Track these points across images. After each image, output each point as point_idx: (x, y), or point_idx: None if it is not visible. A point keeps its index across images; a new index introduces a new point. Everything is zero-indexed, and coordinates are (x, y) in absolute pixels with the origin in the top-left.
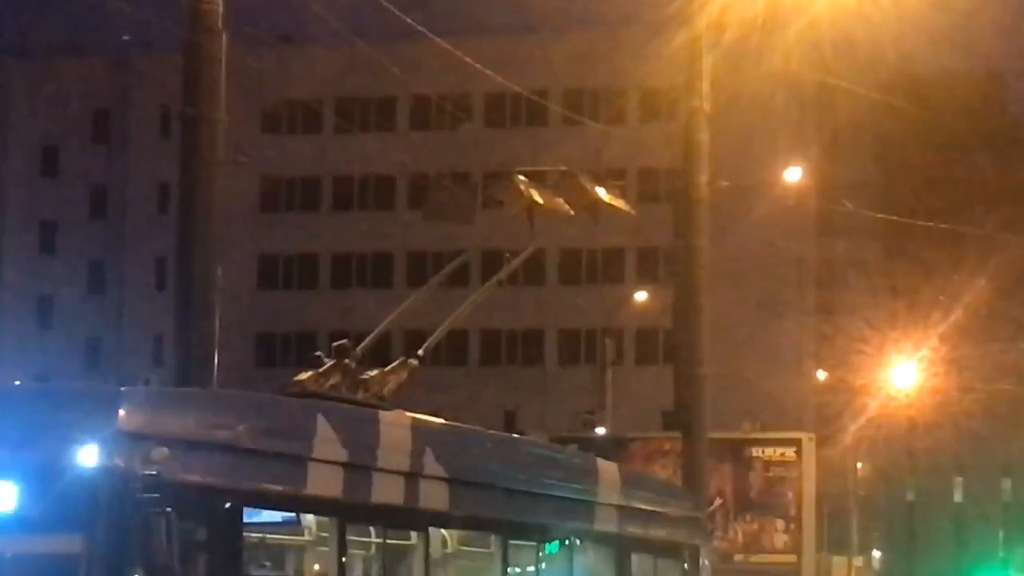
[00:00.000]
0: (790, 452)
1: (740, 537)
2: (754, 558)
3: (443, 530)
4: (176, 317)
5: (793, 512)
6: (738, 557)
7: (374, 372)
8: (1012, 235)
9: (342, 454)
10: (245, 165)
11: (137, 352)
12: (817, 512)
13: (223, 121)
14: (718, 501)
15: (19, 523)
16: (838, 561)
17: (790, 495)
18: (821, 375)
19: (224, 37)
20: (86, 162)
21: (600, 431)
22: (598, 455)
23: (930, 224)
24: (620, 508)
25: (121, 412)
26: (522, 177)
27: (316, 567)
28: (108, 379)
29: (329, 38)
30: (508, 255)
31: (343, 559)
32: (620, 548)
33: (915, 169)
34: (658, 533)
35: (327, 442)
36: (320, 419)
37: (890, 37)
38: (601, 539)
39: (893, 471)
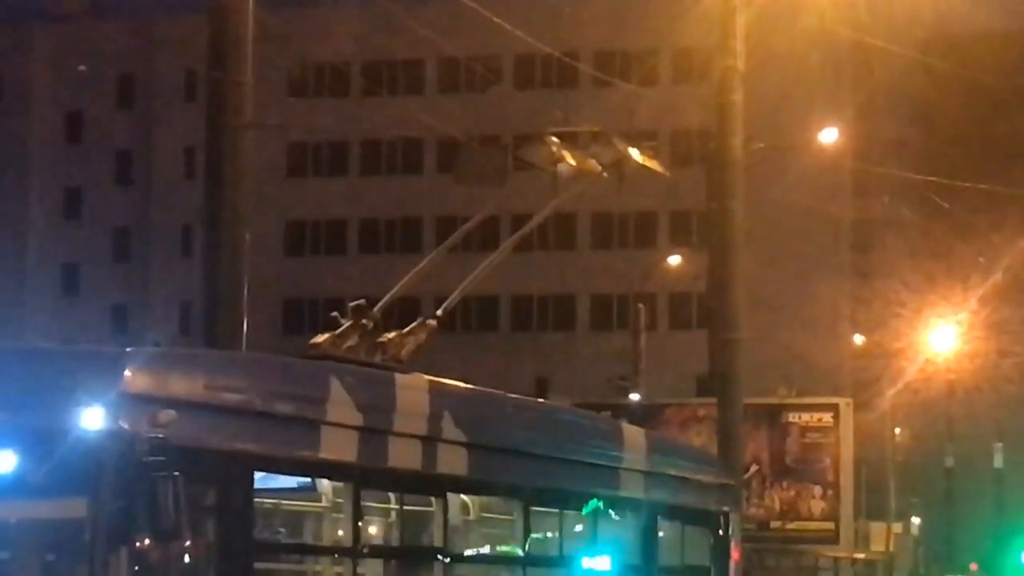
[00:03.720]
0: (827, 418)
1: (777, 504)
2: (791, 525)
3: (462, 496)
4: (204, 284)
5: (830, 478)
6: (775, 524)
7: (392, 334)
8: None
9: (357, 417)
10: (272, 129)
11: (164, 319)
12: (855, 478)
13: (250, 84)
14: (754, 468)
15: (23, 487)
16: (876, 528)
17: (827, 461)
18: (858, 339)
19: (251, 0)
20: (111, 127)
21: (634, 397)
22: (631, 422)
23: (968, 184)
24: (646, 473)
25: (127, 373)
26: (554, 138)
27: (331, 533)
28: (134, 347)
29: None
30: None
31: (358, 525)
32: (646, 514)
33: (953, 129)
34: (686, 499)
35: (341, 405)
36: (334, 381)
37: None
38: (626, 505)
39: (931, 437)
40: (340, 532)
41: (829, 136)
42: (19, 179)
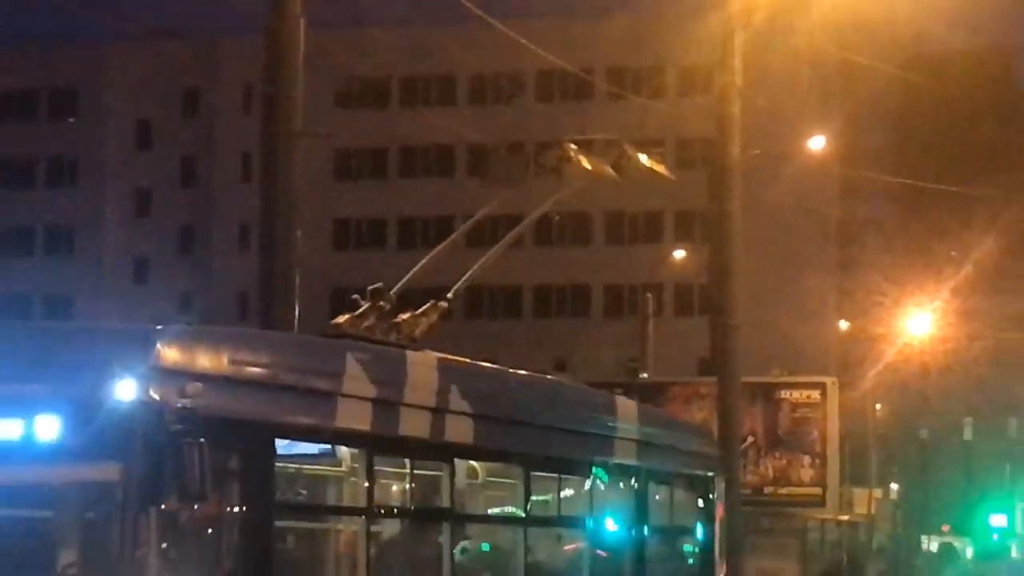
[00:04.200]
0: (815, 395)
1: (770, 472)
2: (783, 490)
3: (468, 461)
4: (259, 275)
5: (818, 449)
6: (768, 489)
7: (406, 315)
8: (1018, 197)
9: (371, 390)
10: (320, 137)
11: (224, 307)
12: (840, 449)
13: (300, 97)
14: (750, 439)
15: (62, 452)
16: (859, 493)
17: (815, 434)
18: (843, 325)
19: (302, 22)
20: (177, 135)
21: (643, 376)
22: (640, 398)
23: (942, 187)
24: (638, 442)
25: (157, 349)
26: (572, 146)
27: (348, 495)
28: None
29: (395, 21)
30: (557, 217)
31: (373, 488)
32: (637, 479)
33: (929, 138)
34: (674, 465)
35: (357, 379)
36: (350, 357)
37: (906, 18)
38: (619, 470)
39: (908, 412)
40: (356, 495)
41: (817, 144)
42: (96, 182)
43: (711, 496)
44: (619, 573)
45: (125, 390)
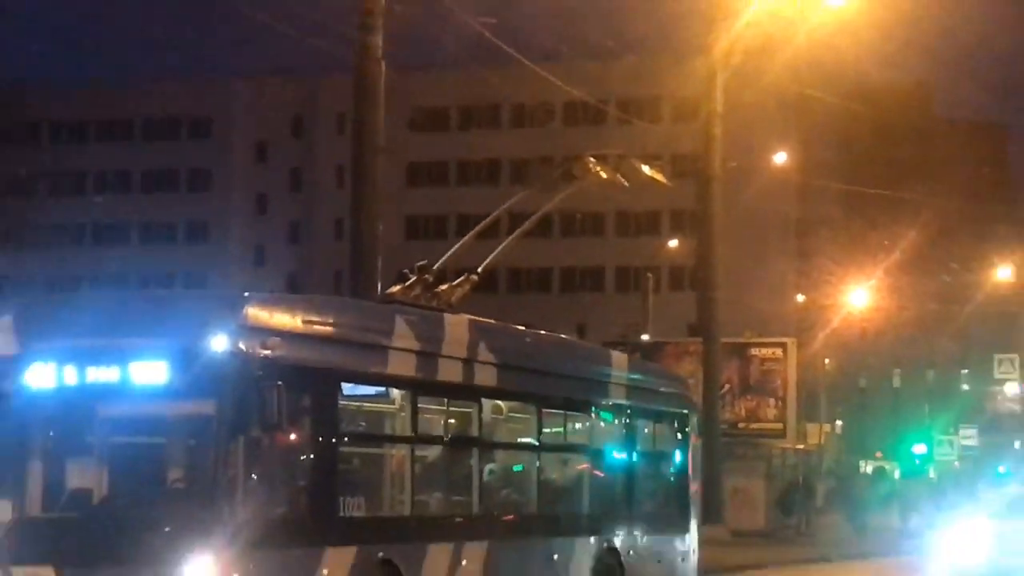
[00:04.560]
0: (778, 352)
1: (743, 411)
2: (753, 425)
3: (493, 400)
4: (351, 259)
5: (780, 393)
6: (742, 425)
7: (445, 286)
8: (935, 200)
9: (415, 344)
10: (395, 153)
11: (322, 285)
12: (797, 394)
13: (381, 123)
14: (727, 386)
15: (171, 392)
16: (811, 427)
17: (778, 382)
18: (800, 298)
19: (383, 64)
20: (287, 152)
21: (644, 337)
22: (643, 355)
23: (876, 192)
24: (627, 386)
25: (245, 310)
26: (591, 159)
27: (397, 428)
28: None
29: (453, 62)
30: (579, 215)
31: (417, 421)
32: (628, 415)
33: (866, 154)
34: (657, 404)
35: (404, 336)
36: (399, 319)
37: (849, 59)
38: (613, 408)
39: (850, 365)
40: (404, 427)
41: (780, 158)
42: (225, 187)
43: (687, 429)
44: (613, 489)
45: (219, 343)
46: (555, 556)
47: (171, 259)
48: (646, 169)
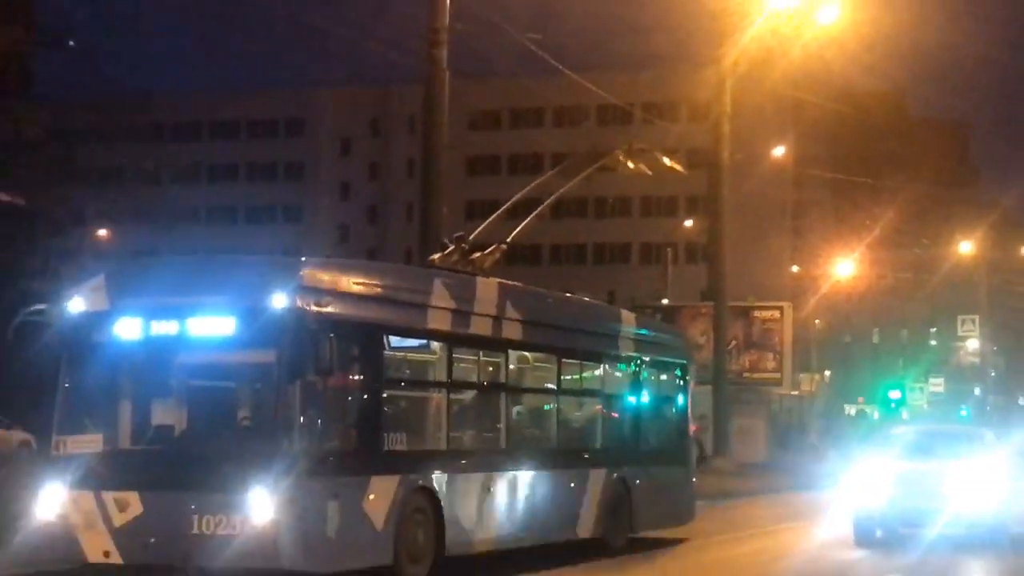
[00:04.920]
0: (776, 314)
1: (747, 363)
2: (755, 375)
3: (519, 351)
4: (420, 237)
5: (778, 348)
6: (745, 375)
7: (478, 253)
8: (908, 187)
9: (451, 303)
10: (457, 149)
11: (396, 259)
12: (792, 349)
13: (445, 123)
14: (734, 342)
15: (237, 342)
16: (804, 377)
17: (776, 339)
18: (795, 269)
19: (447, 73)
20: (366, 148)
21: (664, 302)
22: (662, 317)
23: (860, 180)
24: (634, 339)
25: (302, 272)
26: (621, 153)
27: (436, 375)
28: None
29: (505, 72)
30: (610, 199)
31: (452, 368)
32: (635, 364)
33: (851, 147)
34: (660, 355)
35: (441, 296)
36: (436, 281)
37: (837, 69)
38: (622, 357)
39: (837, 324)
40: (441, 373)
41: (778, 151)
42: (315, 177)
43: (685, 376)
44: (622, 427)
45: (279, 301)
46: (572, 484)
47: (271, 237)
48: (666, 160)
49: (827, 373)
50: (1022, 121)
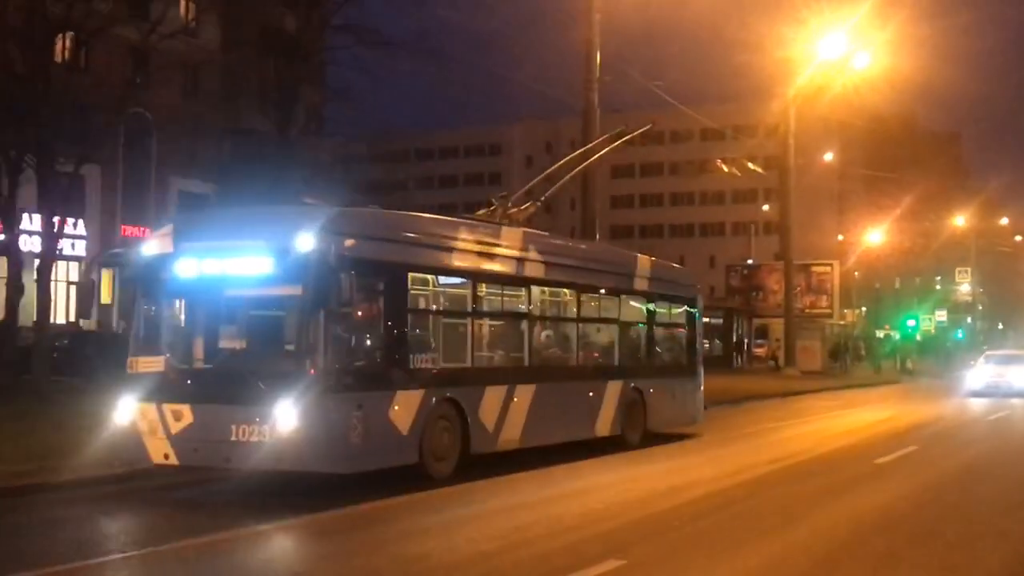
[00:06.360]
0: (828, 268)
1: (808, 303)
2: (814, 311)
3: (539, 287)
4: (581, 223)
5: (829, 292)
6: (807, 311)
7: (515, 209)
8: (920, 180)
9: (475, 246)
10: (604, 161)
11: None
12: (840, 291)
13: (598, 145)
14: (798, 288)
15: (273, 278)
16: (847, 312)
17: (828, 285)
18: (840, 237)
19: (598, 111)
20: (543, 161)
21: (750, 262)
22: (747, 273)
23: (882, 174)
24: (648, 277)
25: (328, 218)
26: (720, 162)
27: (461, 305)
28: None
29: (630, 106)
30: (711, 192)
31: (478, 300)
32: (650, 297)
33: (879, 152)
34: (670, 291)
35: (466, 239)
36: (461, 227)
37: (868, 96)
38: (638, 292)
39: (871, 274)
40: (467, 304)
41: (828, 157)
42: (508, 184)
43: (695, 307)
44: (638, 347)
45: (307, 242)
46: (591, 393)
47: None
48: (750, 165)
49: (863, 309)
50: (1000, 131)
